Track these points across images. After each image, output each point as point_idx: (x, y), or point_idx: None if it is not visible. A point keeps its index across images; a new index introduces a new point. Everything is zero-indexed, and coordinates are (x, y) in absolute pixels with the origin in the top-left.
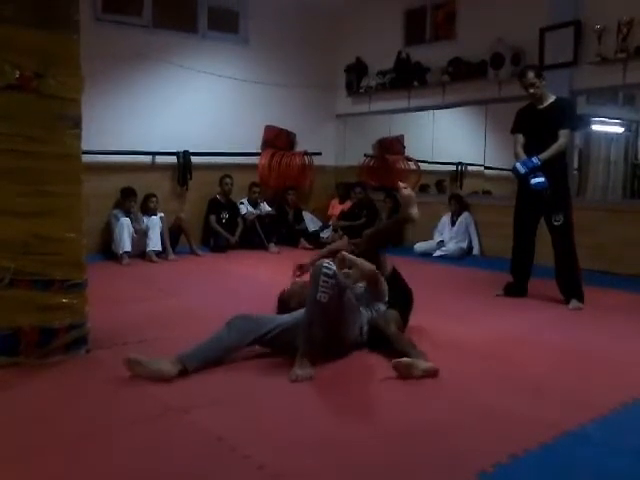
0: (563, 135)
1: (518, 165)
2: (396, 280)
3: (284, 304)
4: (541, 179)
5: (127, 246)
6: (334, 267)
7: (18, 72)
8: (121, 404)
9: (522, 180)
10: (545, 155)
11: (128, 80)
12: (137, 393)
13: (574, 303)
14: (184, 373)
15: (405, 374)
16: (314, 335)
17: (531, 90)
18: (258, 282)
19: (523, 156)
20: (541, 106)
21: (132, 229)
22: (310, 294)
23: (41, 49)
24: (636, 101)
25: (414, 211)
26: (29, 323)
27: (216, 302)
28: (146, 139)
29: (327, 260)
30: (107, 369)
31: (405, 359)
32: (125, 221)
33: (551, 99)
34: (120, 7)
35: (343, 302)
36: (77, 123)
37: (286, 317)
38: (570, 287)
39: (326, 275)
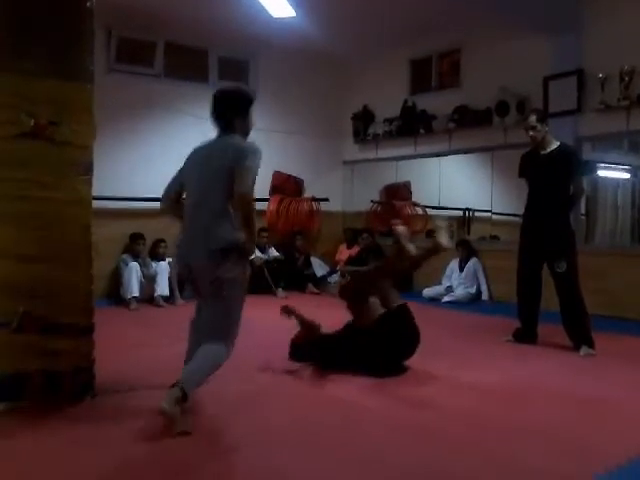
0: (578, 183)
1: None
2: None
3: (297, 348)
4: None
5: (135, 291)
6: None
7: (33, 120)
8: (129, 453)
9: None
10: (570, 209)
11: (139, 127)
12: (145, 443)
13: (585, 349)
14: None
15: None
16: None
17: (531, 133)
18: (265, 327)
19: None
20: (544, 152)
21: (140, 274)
22: None
23: (56, 98)
24: None
25: (444, 240)
26: (35, 367)
27: None
28: (156, 185)
29: None
30: (112, 416)
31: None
32: (134, 265)
33: (554, 145)
34: (133, 58)
35: None
36: (88, 169)
37: None
38: (579, 333)
39: None
